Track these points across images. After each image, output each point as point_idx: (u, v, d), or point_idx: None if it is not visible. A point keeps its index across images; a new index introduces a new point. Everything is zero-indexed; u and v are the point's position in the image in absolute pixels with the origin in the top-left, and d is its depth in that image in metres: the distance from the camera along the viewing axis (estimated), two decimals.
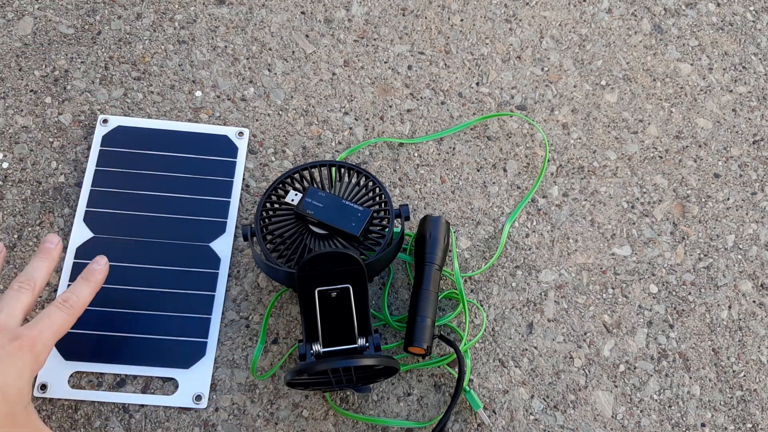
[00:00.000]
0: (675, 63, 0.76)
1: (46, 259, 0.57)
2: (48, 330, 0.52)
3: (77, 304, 0.55)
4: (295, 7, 0.76)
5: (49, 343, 0.52)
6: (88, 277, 0.57)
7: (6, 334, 0.50)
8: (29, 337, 0.51)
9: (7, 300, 0.54)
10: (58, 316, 0.53)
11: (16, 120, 0.70)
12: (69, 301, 0.54)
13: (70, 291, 0.55)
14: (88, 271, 0.57)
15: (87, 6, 0.75)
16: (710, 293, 0.67)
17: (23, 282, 0.55)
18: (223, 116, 0.71)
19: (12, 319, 0.52)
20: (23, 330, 0.51)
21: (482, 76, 0.74)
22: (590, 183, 0.70)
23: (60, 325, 0.53)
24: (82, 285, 0.56)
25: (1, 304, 0.53)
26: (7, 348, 0.49)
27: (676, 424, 0.62)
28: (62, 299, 0.54)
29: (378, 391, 0.61)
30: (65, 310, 0.54)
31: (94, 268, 0.58)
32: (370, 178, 0.62)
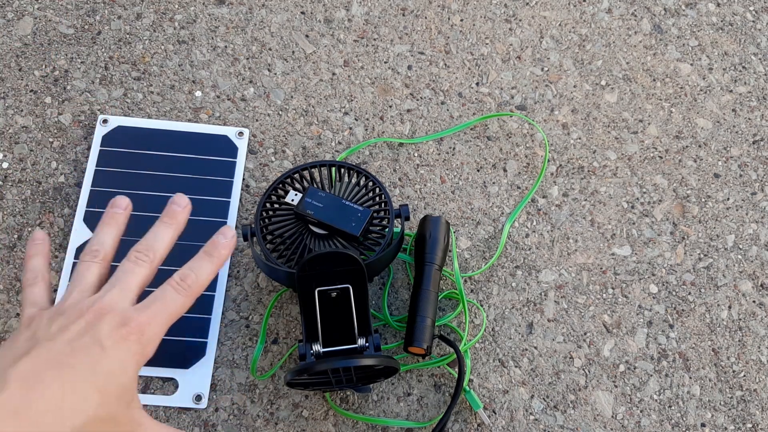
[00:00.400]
0: (675, 63, 0.76)
1: (171, 226, 0.49)
2: (160, 315, 0.44)
3: (196, 284, 0.46)
4: (295, 7, 0.76)
5: (160, 331, 0.44)
6: (212, 252, 0.48)
7: (113, 318, 0.43)
8: (138, 323, 0.43)
9: (122, 273, 0.46)
10: (174, 298, 0.45)
11: (16, 120, 0.70)
12: (187, 280, 0.46)
13: (189, 268, 0.47)
14: (212, 245, 0.48)
15: (87, 6, 0.75)
16: (710, 293, 0.67)
17: (141, 252, 0.47)
18: (223, 116, 0.71)
19: (124, 298, 0.44)
20: (132, 313, 0.43)
21: (482, 76, 0.74)
22: (590, 183, 0.70)
23: (175, 310, 0.45)
24: (204, 262, 0.47)
25: (115, 278, 0.45)
26: (113, 336, 0.42)
27: (676, 424, 0.62)
28: (180, 278, 0.46)
29: (378, 391, 0.61)
30: (182, 292, 0.46)
31: (219, 242, 0.48)
32: (370, 178, 0.62)
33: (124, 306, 0.44)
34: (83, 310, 0.43)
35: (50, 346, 0.41)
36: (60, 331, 0.42)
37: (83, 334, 0.42)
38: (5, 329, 0.62)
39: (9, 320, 0.62)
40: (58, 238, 0.65)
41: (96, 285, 0.46)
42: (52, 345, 0.41)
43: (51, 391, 0.39)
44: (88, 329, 0.42)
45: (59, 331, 0.42)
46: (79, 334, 0.42)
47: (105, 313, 0.43)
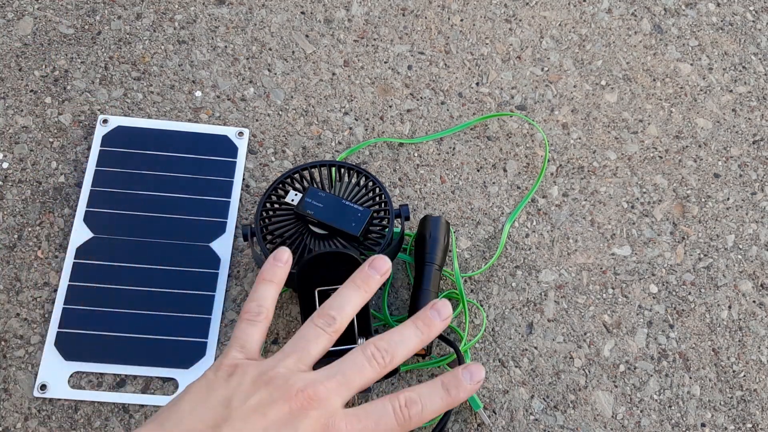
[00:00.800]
0: (675, 63, 0.76)
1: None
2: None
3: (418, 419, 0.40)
4: (295, 7, 0.76)
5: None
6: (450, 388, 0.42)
7: (319, 419, 0.37)
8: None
9: (348, 363, 0.40)
10: (389, 423, 0.39)
11: (16, 120, 0.70)
12: (412, 408, 0.40)
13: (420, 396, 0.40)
14: (454, 380, 0.42)
15: (87, 6, 0.75)
16: (710, 293, 0.67)
17: (380, 351, 0.41)
18: (223, 116, 0.71)
19: (340, 394, 0.39)
20: (340, 422, 0.37)
21: (482, 76, 0.74)
22: (590, 183, 0.70)
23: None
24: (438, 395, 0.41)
25: (339, 366, 0.40)
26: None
27: (676, 424, 0.62)
28: (405, 402, 0.40)
29: (378, 391, 0.61)
30: (399, 420, 0.39)
31: (461, 380, 0.42)
32: (370, 178, 0.62)
33: (337, 405, 0.38)
34: (293, 392, 0.38)
35: (241, 429, 0.36)
36: (257, 410, 0.37)
37: (284, 426, 0.37)
38: (5, 329, 0.62)
39: (9, 320, 0.62)
40: (58, 238, 0.65)
41: (317, 359, 0.41)
42: (244, 428, 0.36)
43: None
44: (289, 420, 0.37)
45: (257, 409, 0.37)
46: (277, 424, 0.37)
47: (314, 407, 0.37)
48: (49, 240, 0.65)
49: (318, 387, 0.38)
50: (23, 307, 0.62)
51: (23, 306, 0.63)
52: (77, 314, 0.61)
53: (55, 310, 0.62)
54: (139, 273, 0.63)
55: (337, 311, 0.43)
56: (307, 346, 0.41)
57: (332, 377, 0.39)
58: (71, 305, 0.62)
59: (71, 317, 0.61)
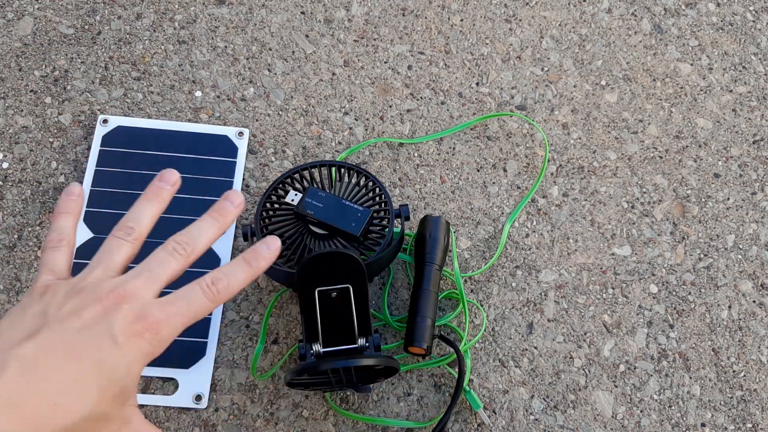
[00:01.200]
0: (675, 63, 0.76)
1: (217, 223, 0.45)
2: (181, 316, 0.41)
3: (226, 291, 0.43)
4: (295, 7, 0.76)
5: (175, 332, 0.41)
6: (251, 261, 0.44)
7: (132, 310, 0.39)
8: (156, 320, 0.40)
9: (154, 262, 0.42)
10: (199, 302, 0.42)
11: (16, 120, 0.70)
12: (218, 284, 0.43)
13: (224, 272, 0.43)
14: (254, 254, 0.44)
15: (87, 6, 0.75)
16: (710, 293, 0.67)
17: (180, 244, 0.44)
18: (223, 116, 0.71)
19: (149, 288, 0.41)
20: (153, 308, 0.40)
21: (482, 76, 0.74)
22: (590, 183, 0.70)
23: (197, 313, 0.42)
24: (240, 269, 0.44)
25: (145, 264, 0.42)
26: (127, 330, 0.39)
27: (676, 424, 0.62)
28: (211, 280, 0.43)
29: (378, 391, 0.61)
30: (210, 296, 0.42)
31: (261, 252, 0.45)
32: (370, 178, 0.62)
33: (147, 297, 0.41)
34: (103, 294, 0.40)
35: (59, 331, 0.38)
36: (73, 313, 0.39)
37: (97, 322, 0.39)
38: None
39: None
40: None
41: (123, 265, 0.43)
42: (62, 330, 0.38)
43: (50, 384, 0.37)
44: (103, 317, 0.39)
45: (72, 313, 0.39)
46: (93, 322, 0.39)
47: (125, 301, 0.40)
48: None
49: (126, 285, 0.40)
50: None
51: None
52: None
53: None
54: None
55: (133, 222, 0.45)
56: (111, 256, 0.43)
57: (139, 275, 0.41)
58: None
59: None
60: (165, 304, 0.41)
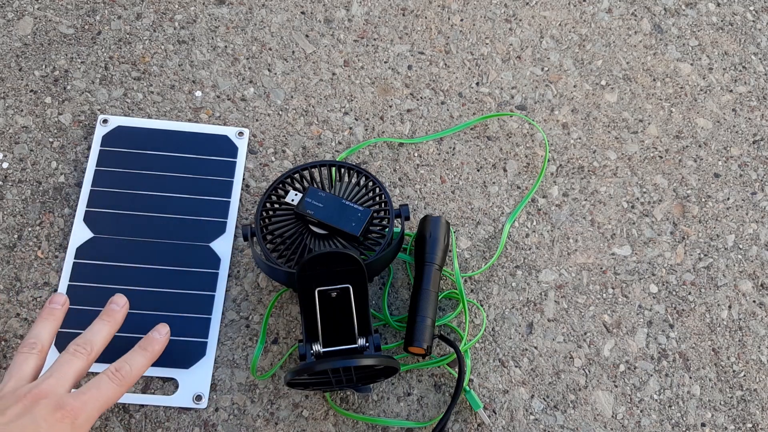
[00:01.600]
0: (675, 63, 0.76)
1: (108, 323, 0.54)
2: (94, 402, 0.48)
3: (130, 376, 0.51)
4: (295, 7, 0.76)
5: (93, 416, 0.48)
6: (146, 347, 0.54)
7: (49, 403, 0.47)
8: (72, 408, 0.47)
9: (60, 364, 0.50)
10: (108, 387, 0.50)
11: (16, 120, 0.70)
12: (122, 371, 0.51)
13: (125, 360, 0.52)
14: (148, 341, 0.54)
15: (87, 6, 0.75)
16: (710, 293, 0.67)
17: (80, 345, 0.51)
18: (223, 116, 0.71)
19: (60, 385, 0.48)
20: (68, 399, 0.48)
21: (482, 76, 0.74)
22: (590, 183, 0.70)
23: (108, 398, 0.49)
24: (138, 355, 0.53)
25: (54, 367, 0.50)
26: (48, 419, 0.46)
27: (676, 424, 0.62)
28: (115, 368, 0.51)
29: (378, 391, 0.61)
30: (116, 381, 0.50)
31: (154, 338, 0.55)
32: (370, 178, 0.62)
33: (61, 392, 0.48)
34: (21, 396, 0.47)
35: None
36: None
37: (21, 416, 0.46)
38: (5, 329, 0.62)
39: (9, 320, 0.62)
40: (58, 238, 0.65)
41: (32, 375, 0.50)
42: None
43: None
44: (25, 412, 0.46)
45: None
46: (18, 416, 0.46)
47: (42, 398, 0.47)
48: (49, 240, 0.65)
49: (40, 386, 0.48)
50: (23, 307, 0.62)
51: (23, 306, 0.63)
52: (77, 314, 0.61)
53: None
54: (139, 273, 0.63)
55: (35, 338, 0.52)
56: (20, 368, 0.50)
57: (49, 377, 0.49)
58: (71, 305, 0.62)
59: (71, 317, 0.61)
60: (78, 394, 0.48)
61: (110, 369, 0.51)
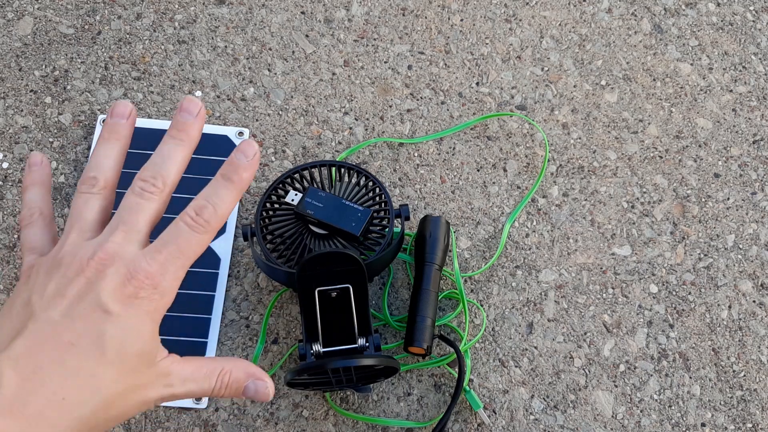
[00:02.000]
0: (675, 63, 0.76)
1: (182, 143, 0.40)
2: (176, 260, 0.37)
3: (215, 218, 0.38)
4: (295, 7, 0.76)
5: (177, 279, 0.37)
6: (231, 175, 0.39)
7: (118, 272, 0.36)
8: (148, 274, 0.36)
9: (126, 211, 0.38)
10: (190, 238, 0.38)
11: (16, 120, 0.70)
12: (204, 214, 0.38)
13: (205, 198, 0.39)
14: (232, 167, 0.39)
15: (87, 6, 0.75)
16: (710, 293, 0.67)
17: (148, 181, 0.39)
18: (223, 116, 0.71)
19: (130, 241, 0.37)
20: (141, 262, 0.36)
21: (482, 76, 0.74)
22: (590, 183, 0.70)
23: (192, 251, 0.38)
24: (223, 189, 0.39)
25: (118, 216, 0.38)
26: (118, 296, 0.35)
27: (676, 424, 0.62)
28: (195, 211, 0.38)
29: (378, 391, 0.61)
30: (199, 229, 0.38)
31: (239, 163, 0.39)
32: (370, 178, 0.62)
33: (132, 252, 0.37)
34: (83, 262, 0.36)
35: (46, 320, 0.35)
36: (57, 294, 0.36)
37: (83, 298, 0.36)
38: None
39: None
40: None
41: (98, 222, 0.39)
42: (48, 318, 0.35)
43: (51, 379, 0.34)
44: (88, 290, 0.36)
45: (56, 294, 0.36)
46: (78, 298, 0.36)
47: (108, 264, 0.36)
48: None
49: (105, 246, 0.37)
50: None
51: None
52: None
53: None
54: None
55: (95, 170, 0.41)
56: (81, 214, 0.39)
57: (115, 230, 0.38)
58: None
59: None
60: (154, 253, 0.37)
61: (189, 212, 0.38)
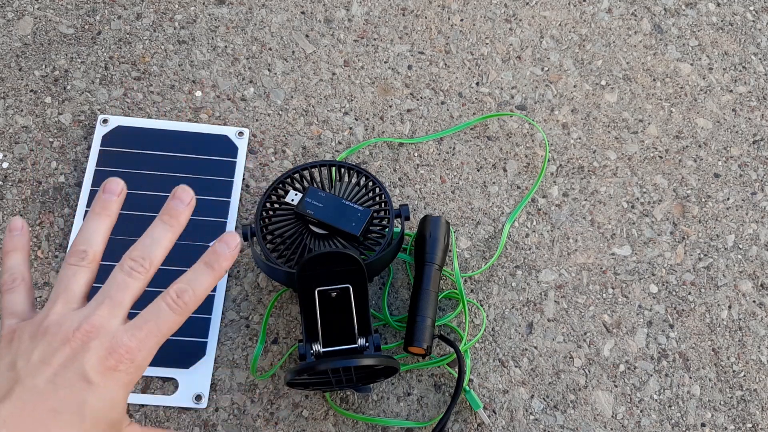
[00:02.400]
0: (675, 63, 0.76)
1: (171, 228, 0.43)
2: (153, 337, 0.40)
3: (193, 301, 0.41)
4: (295, 7, 0.76)
5: (151, 355, 0.40)
6: (212, 264, 0.42)
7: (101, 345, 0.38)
8: (128, 349, 0.39)
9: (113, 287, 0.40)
10: (168, 318, 0.40)
11: (16, 120, 0.70)
12: (184, 296, 0.41)
13: (187, 282, 0.41)
14: (214, 255, 0.42)
15: (87, 6, 0.75)
16: (710, 293, 0.67)
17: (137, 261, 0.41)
18: (223, 116, 0.71)
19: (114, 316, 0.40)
20: (122, 337, 0.39)
21: (482, 76, 0.74)
22: (590, 183, 0.70)
23: (168, 330, 0.40)
24: (203, 275, 0.41)
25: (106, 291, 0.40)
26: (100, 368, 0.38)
27: (676, 424, 0.62)
28: (176, 293, 0.41)
29: (378, 391, 0.61)
30: (177, 310, 0.40)
31: (221, 252, 0.42)
32: (370, 178, 0.62)
33: (115, 326, 0.39)
34: (69, 333, 0.39)
35: (32, 386, 0.37)
36: (43, 362, 0.38)
37: (68, 367, 0.38)
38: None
39: None
40: (58, 238, 0.65)
41: (84, 294, 0.42)
42: (34, 384, 0.37)
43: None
44: (73, 360, 0.38)
45: (42, 362, 0.38)
46: (63, 367, 0.38)
47: (93, 337, 0.39)
48: (49, 240, 0.65)
49: (91, 319, 0.39)
50: None
51: None
52: None
53: None
54: None
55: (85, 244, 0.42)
56: (68, 285, 0.41)
57: (101, 304, 0.40)
58: None
59: None
60: (134, 330, 0.39)
61: (170, 294, 0.41)
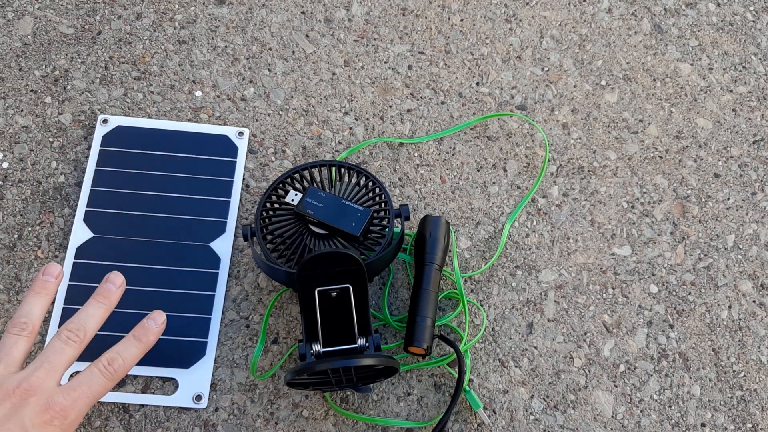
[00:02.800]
0: (675, 63, 0.76)
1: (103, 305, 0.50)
2: (85, 398, 0.46)
3: (122, 369, 0.48)
4: (295, 7, 0.76)
5: (82, 414, 0.46)
6: (140, 337, 0.50)
7: (38, 402, 0.44)
8: (62, 407, 0.45)
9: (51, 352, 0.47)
10: (99, 382, 0.47)
11: (16, 120, 0.70)
12: (114, 364, 0.48)
13: (117, 352, 0.49)
14: (142, 330, 0.51)
15: (87, 6, 0.75)
16: (710, 293, 0.67)
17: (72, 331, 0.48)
18: (223, 116, 0.71)
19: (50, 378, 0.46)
20: (57, 396, 0.45)
21: (482, 76, 0.74)
22: (590, 183, 0.70)
23: (99, 392, 0.47)
24: (132, 346, 0.50)
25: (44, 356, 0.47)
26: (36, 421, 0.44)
27: (676, 424, 0.62)
28: (107, 361, 0.48)
29: (378, 391, 0.61)
30: (108, 376, 0.47)
31: (149, 328, 0.51)
32: (370, 178, 0.62)
33: (50, 387, 0.45)
34: (9, 390, 0.45)
35: None
36: None
37: (9, 419, 0.44)
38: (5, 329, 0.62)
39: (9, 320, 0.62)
40: (58, 238, 0.65)
41: (22, 359, 0.48)
42: None
43: None
44: (13, 413, 0.44)
45: None
46: (5, 419, 0.44)
47: (31, 395, 0.45)
48: (49, 240, 0.65)
49: (30, 379, 0.45)
50: None
51: None
52: None
53: (56, 310, 0.62)
54: (139, 273, 0.63)
55: (26, 317, 0.49)
56: (10, 351, 0.47)
57: (40, 367, 0.46)
58: (71, 305, 0.62)
59: None
60: (69, 391, 0.46)
61: (102, 362, 0.48)
